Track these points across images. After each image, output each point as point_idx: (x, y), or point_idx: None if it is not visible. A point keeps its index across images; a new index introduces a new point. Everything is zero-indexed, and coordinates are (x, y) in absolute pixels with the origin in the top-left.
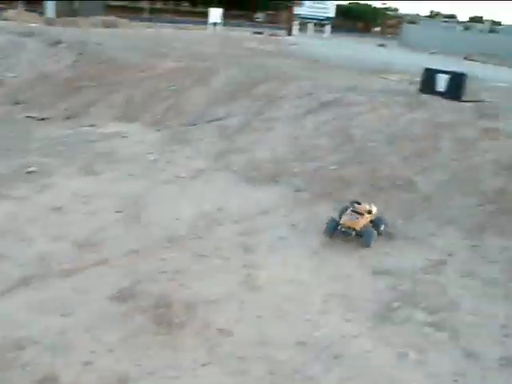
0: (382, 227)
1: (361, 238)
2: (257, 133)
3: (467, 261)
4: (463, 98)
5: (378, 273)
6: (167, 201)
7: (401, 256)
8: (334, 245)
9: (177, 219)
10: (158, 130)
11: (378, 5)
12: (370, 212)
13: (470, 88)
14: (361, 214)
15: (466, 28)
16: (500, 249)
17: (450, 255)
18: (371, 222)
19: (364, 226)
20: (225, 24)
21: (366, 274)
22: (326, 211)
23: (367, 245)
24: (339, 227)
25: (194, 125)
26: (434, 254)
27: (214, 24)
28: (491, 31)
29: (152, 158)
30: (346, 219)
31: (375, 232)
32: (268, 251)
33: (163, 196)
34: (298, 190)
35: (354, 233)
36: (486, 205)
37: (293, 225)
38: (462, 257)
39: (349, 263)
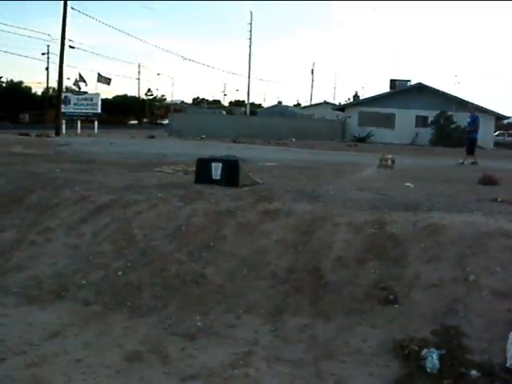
0: None
1: None
2: (34, 247)
3: (272, 346)
4: (239, 184)
5: (186, 379)
6: None
7: (206, 355)
8: (138, 358)
9: None
10: None
11: (144, 96)
12: None
13: (243, 172)
14: None
15: (229, 112)
16: (300, 328)
17: (254, 344)
18: None
19: None
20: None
21: (174, 382)
22: (120, 322)
23: None
24: None
25: None
26: (238, 347)
27: None
28: (252, 113)
29: None
30: None
31: None
32: (65, 381)
33: None
34: (87, 304)
35: None
36: (278, 286)
37: (88, 344)
38: (266, 343)
39: (155, 374)
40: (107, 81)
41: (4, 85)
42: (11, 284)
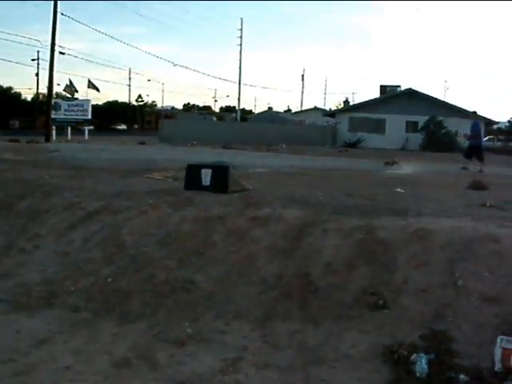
0: None
1: None
2: (23, 253)
3: (261, 352)
4: (229, 190)
5: None
6: None
7: (196, 362)
8: (127, 364)
9: None
10: None
11: (135, 102)
12: None
13: (233, 178)
14: None
15: (220, 118)
16: (289, 333)
17: (243, 350)
18: None
19: None
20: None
21: None
22: (109, 328)
23: None
24: None
25: None
26: (228, 353)
27: None
28: (243, 119)
29: None
30: None
31: None
32: None
33: None
34: (76, 311)
35: None
36: (267, 292)
37: (77, 350)
38: (255, 349)
39: (144, 381)
40: (96, 88)
41: None
42: (0, 291)
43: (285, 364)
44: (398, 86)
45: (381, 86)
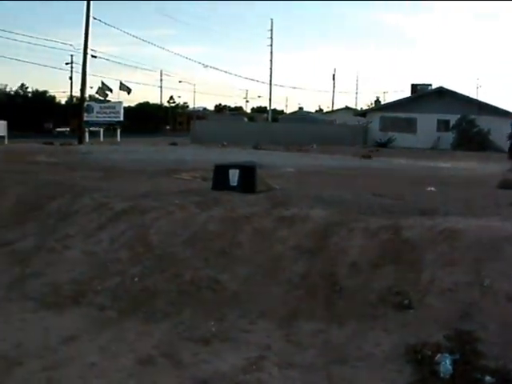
0: None
1: None
2: (53, 253)
3: (284, 351)
4: (256, 190)
5: (198, 383)
6: None
7: (219, 360)
8: (151, 362)
9: None
10: None
11: (166, 103)
12: None
13: (261, 178)
14: None
15: (251, 118)
16: (313, 333)
17: (266, 349)
18: None
19: None
20: (15, 136)
21: None
22: (135, 327)
23: None
24: None
25: None
26: (251, 352)
27: (1, 137)
28: (274, 120)
29: None
30: None
31: None
32: (81, 383)
33: None
34: (102, 309)
35: None
36: (292, 291)
37: (102, 348)
38: (279, 348)
39: (167, 378)
40: (128, 89)
41: (29, 95)
42: (29, 290)
43: (307, 363)
44: (429, 85)
45: (412, 85)
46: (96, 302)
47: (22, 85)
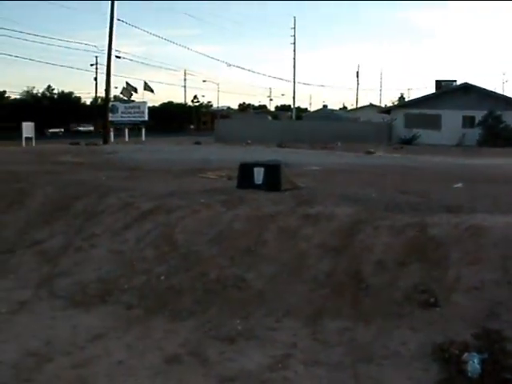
0: None
1: None
2: (80, 252)
3: (310, 350)
4: (281, 188)
5: (224, 381)
6: None
7: (245, 358)
8: (178, 360)
9: None
10: None
11: (190, 103)
12: None
13: (286, 176)
14: None
15: (275, 117)
16: (339, 331)
17: (292, 347)
18: None
19: None
20: (46, 137)
21: None
22: (161, 325)
23: None
24: None
25: (13, 252)
26: (277, 350)
27: (29, 138)
28: (298, 118)
29: None
30: None
31: None
32: (108, 381)
33: None
34: (129, 308)
35: None
36: (318, 290)
37: (130, 346)
38: (305, 346)
39: (194, 376)
40: (151, 90)
41: (56, 96)
42: (58, 288)
43: (334, 361)
44: (454, 81)
45: (436, 81)
46: (123, 301)
47: (49, 86)
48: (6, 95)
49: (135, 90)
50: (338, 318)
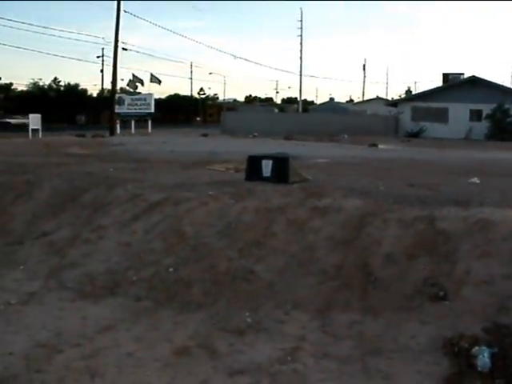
0: None
1: None
2: (88, 244)
3: (320, 342)
4: (289, 180)
5: (233, 374)
6: None
7: (254, 351)
8: (187, 352)
9: (9, 354)
10: None
11: (196, 95)
12: None
13: (293, 169)
14: None
15: (282, 109)
16: (348, 324)
17: (302, 340)
18: None
19: None
20: (49, 129)
21: (221, 377)
22: (170, 317)
23: None
24: None
25: (21, 243)
26: (286, 342)
27: (35, 130)
28: (305, 110)
29: None
30: None
31: None
32: (117, 372)
33: None
34: (138, 300)
35: None
36: (327, 282)
37: (138, 338)
38: (314, 339)
39: (203, 369)
40: (158, 80)
41: (62, 88)
42: (67, 280)
43: (343, 354)
44: (462, 74)
45: (443, 74)
46: (131, 292)
47: (55, 78)
48: (13, 87)
49: (142, 82)
50: (347, 311)
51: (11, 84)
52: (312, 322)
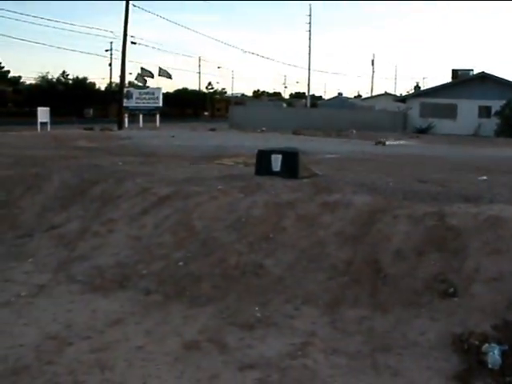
0: None
1: None
2: (97, 237)
3: (329, 338)
4: (299, 175)
5: (243, 368)
6: (6, 326)
7: (264, 345)
8: (196, 346)
9: (20, 346)
10: None
11: (205, 89)
12: None
13: (303, 164)
14: None
15: (290, 104)
16: (358, 320)
17: (312, 335)
18: None
19: None
20: (57, 122)
21: (231, 371)
22: (180, 311)
23: None
24: None
25: (31, 236)
26: (296, 337)
27: (44, 123)
28: (313, 105)
29: None
30: None
31: None
32: (127, 366)
33: (1, 321)
34: (148, 293)
35: None
36: (337, 278)
37: (148, 331)
38: (324, 335)
39: (213, 363)
40: (168, 75)
41: (70, 82)
42: (76, 272)
43: (353, 350)
44: (471, 70)
45: (453, 70)
46: (141, 286)
47: (63, 72)
48: (22, 80)
49: (151, 76)
50: (357, 307)
51: (20, 77)
52: (322, 317)
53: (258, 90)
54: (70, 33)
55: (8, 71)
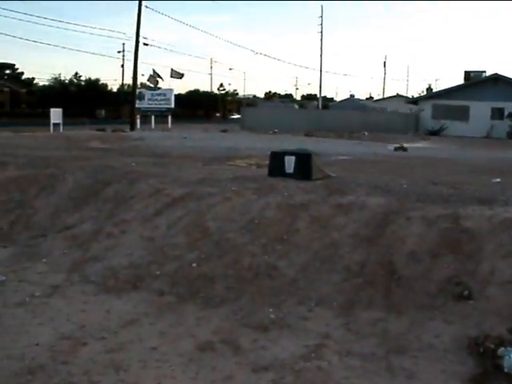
0: None
1: None
2: (111, 238)
3: (344, 340)
4: (312, 177)
5: (258, 370)
6: (22, 325)
7: (278, 347)
8: (210, 348)
9: (36, 345)
10: (5, 247)
11: (216, 91)
12: None
13: (316, 165)
14: None
15: (301, 106)
16: (372, 322)
17: (326, 337)
18: None
19: None
20: (70, 123)
21: (245, 373)
22: (194, 312)
23: None
24: None
25: (45, 236)
26: (310, 339)
27: (56, 124)
28: (324, 107)
29: (0, 279)
30: None
31: None
32: (141, 367)
33: (17, 320)
34: (161, 294)
35: None
36: (351, 279)
37: (162, 332)
38: (338, 336)
39: (227, 364)
40: (180, 75)
41: (82, 83)
42: (90, 273)
43: (367, 352)
44: (483, 72)
45: (465, 72)
46: (154, 287)
47: (76, 73)
48: (35, 82)
49: (161, 78)
50: (371, 309)
51: (33, 79)
52: (336, 319)
53: (270, 92)
54: (83, 34)
55: (22, 73)
